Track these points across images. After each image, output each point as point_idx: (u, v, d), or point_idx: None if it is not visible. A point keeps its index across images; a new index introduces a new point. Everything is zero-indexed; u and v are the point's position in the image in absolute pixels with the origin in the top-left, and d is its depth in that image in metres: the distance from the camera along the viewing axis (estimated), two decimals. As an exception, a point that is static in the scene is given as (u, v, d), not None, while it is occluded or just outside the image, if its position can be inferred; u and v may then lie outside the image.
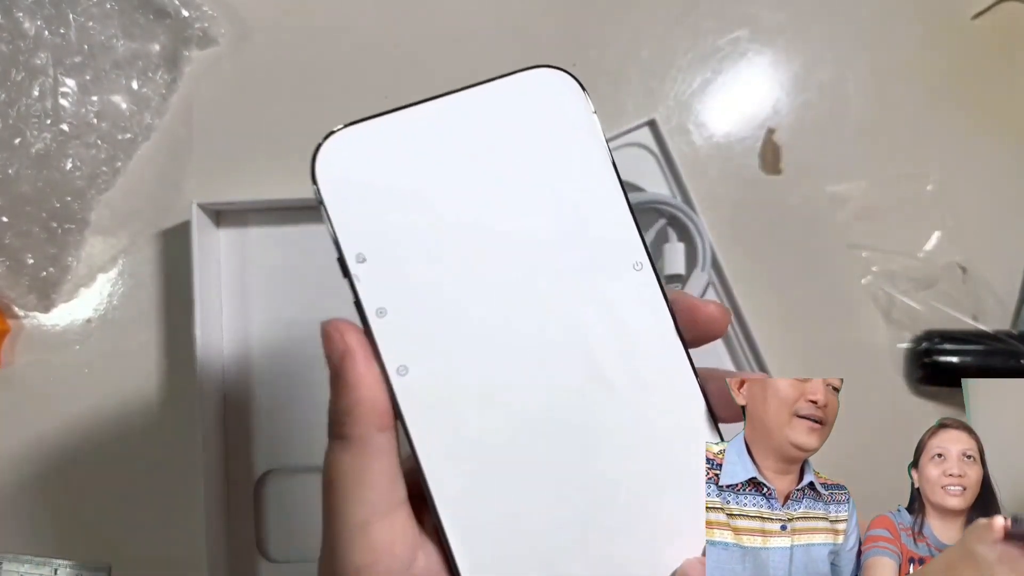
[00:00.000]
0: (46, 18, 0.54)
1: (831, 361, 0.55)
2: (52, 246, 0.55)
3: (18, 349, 0.56)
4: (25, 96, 0.54)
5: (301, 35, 0.58)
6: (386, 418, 0.27)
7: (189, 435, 0.54)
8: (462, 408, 0.28)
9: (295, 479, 0.55)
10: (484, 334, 0.28)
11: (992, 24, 0.57)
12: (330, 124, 0.56)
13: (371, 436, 0.26)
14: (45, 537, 0.55)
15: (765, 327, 0.54)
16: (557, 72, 0.31)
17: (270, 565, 0.55)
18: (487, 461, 0.28)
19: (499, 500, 0.28)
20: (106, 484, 0.55)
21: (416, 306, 0.28)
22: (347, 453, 0.26)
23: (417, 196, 0.29)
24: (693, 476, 0.28)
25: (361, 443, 0.26)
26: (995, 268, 0.55)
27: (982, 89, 0.57)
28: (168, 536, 0.55)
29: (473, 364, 0.28)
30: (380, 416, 0.27)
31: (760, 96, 0.59)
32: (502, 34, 0.58)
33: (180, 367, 0.55)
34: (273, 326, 0.56)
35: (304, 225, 0.56)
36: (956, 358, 0.53)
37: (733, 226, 0.56)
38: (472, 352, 0.28)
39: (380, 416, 0.27)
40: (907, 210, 0.56)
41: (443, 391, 0.28)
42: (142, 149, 0.57)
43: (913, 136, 0.58)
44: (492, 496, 0.28)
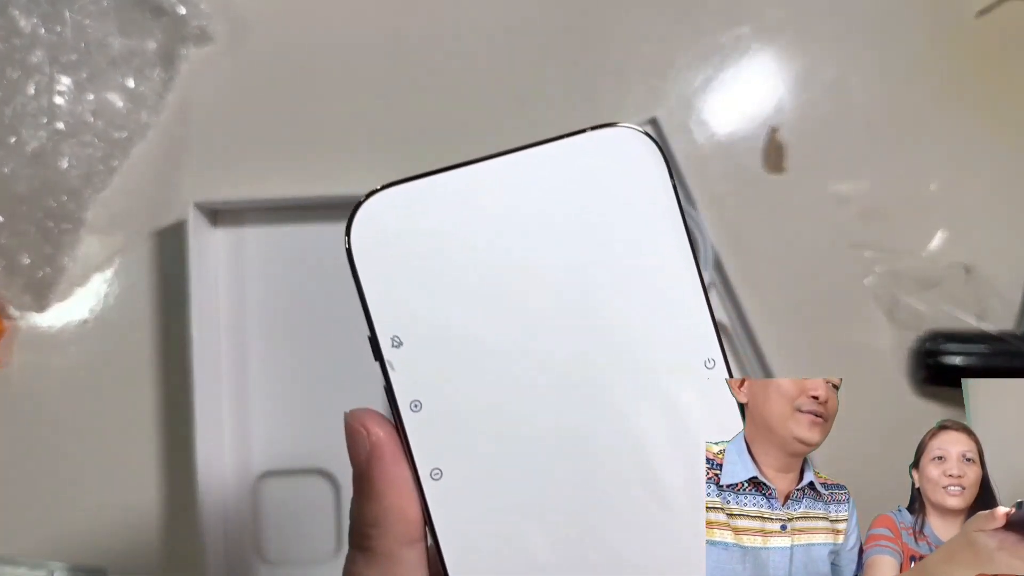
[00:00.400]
0: (42, 16, 0.54)
1: (834, 361, 0.55)
2: (48, 246, 0.55)
3: (13, 349, 0.56)
4: (20, 94, 0.54)
5: (298, 33, 0.58)
6: (417, 530, 0.24)
7: (186, 436, 0.53)
8: (502, 523, 0.25)
9: (294, 480, 0.55)
10: (531, 436, 0.25)
11: (996, 22, 0.57)
12: (329, 124, 0.56)
13: (399, 552, 0.24)
14: (41, 539, 0.55)
15: (767, 327, 0.53)
16: (633, 132, 0.26)
17: (268, 567, 0.54)
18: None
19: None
20: (102, 485, 0.55)
21: (457, 401, 0.25)
22: (372, 569, 0.23)
23: (467, 272, 0.25)
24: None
25: (389, 560, 0.23)
26: (999, 268, 0.55)
27: (987, 87, 0.56)
28: (165, 538, 0.55)
29: (517, 473, 0.25)
30: (410, 528, 0.24)
31: (763, 94, 0.58)
32: (503, 34, 0.57)
33: (176, 367, 0.55)
34: (270, 326, 0.55)
35: (301, 225, 0.56)
36: (960, 358, 0.53)
37: (735, 226, 0.55)
38: (517, 458, 0.25)
39: (410, 528, 0.24)
40: (911, 209, 0.56)
41: (482, 502, 0.25)
42: (138, 148, 0.57)
43: (917, 135, 0.58)
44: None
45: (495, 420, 0.25)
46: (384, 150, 0.57)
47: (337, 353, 0.55)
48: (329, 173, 0.56)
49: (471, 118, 0.57)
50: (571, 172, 0.25)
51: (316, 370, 0.55)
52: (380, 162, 0.56)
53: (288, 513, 0.55)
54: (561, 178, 0.25)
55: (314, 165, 0.57)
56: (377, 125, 0.57)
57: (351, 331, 0.56)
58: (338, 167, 0.56)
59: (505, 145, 0.57)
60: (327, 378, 0.55)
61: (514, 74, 0.57)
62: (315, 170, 0.57)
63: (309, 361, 0.55)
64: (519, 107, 0.57)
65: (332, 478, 0.54)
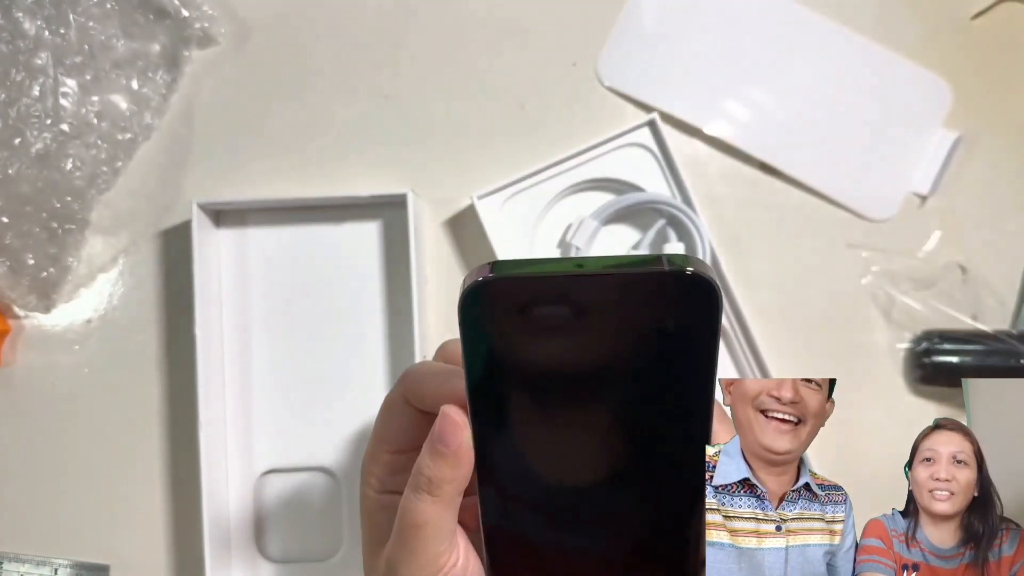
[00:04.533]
0: (46, 18, 0.55)
1: (831, 361, 0.55)
2: (52, 246, 0.55)
3: (18, 349, 0.56)
4: (25, 96, 0.54)
5: (301, 35, 0.58)
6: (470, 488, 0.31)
7: (189, 435, 0.54)
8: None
9: (295, 479, 0.55)
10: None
11: (992, 24, 0.57)
12: (331, 126, 0.57)
13: (457, 498, 0.30)
14: (45, 537, 0.55)
15: (765, 327, 0.54)
16: (707, 282, 0.26)
17: (270, 564, 0.55)
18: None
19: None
20: (106, 484, 0.56)
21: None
22: (436, 506, 0.30)
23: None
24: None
25: (450, 502, 0.30)
26: (995, 268, 0.55)
27: (982, 89, 0.57)
28: (167, 536, 0.55)
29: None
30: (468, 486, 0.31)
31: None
32: (502, 34, 0.58)
33: (180, 367, 0.56)
34: (273, 325, 0.56)
35: (304, 225, 0.56)
36: (956, 358, 0.53)
37: (733, 226, 0.56)
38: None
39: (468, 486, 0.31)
40: (907, 210, 0.56)
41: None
42: (142, 149, 0.57)
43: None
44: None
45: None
46: (385, 152, 0.57)
47: (339, 352, 0.55)
48: (331, 174, 0.57)
49: (471, 119, 0.57)
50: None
51: (318, 369, 0.55)
52: (381, 163, 0.57)
53: (290, 511, 0.55)
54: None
55: (316, 166, 0.57)
56: (378, 127, 0.57)
57: (352, 331, 0.57)
58: (340, 169, 0.57)
59: (504, 145, 0.57)
60: (329, 377, 0.55)
61: (514, 74, 0.57)
62: (317, 171, 0.57)
63: (311, 360, 0.56)
64: (519, 107, 0.57)
65: (333, 476, 0.55)
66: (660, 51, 0.57)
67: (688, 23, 0.57)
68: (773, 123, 0.56)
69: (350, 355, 0.55)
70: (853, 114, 0.57)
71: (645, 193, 0.54)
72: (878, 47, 0.57)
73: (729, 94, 0.57)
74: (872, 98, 0.57)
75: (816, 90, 0.57)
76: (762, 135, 0.56)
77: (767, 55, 0.57)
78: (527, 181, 0.54)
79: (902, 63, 0.57)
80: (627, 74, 0.57)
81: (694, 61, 0.57)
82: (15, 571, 0.54)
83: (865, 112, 0.57)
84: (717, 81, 0.57)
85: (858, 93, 0.57)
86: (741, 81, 0.57)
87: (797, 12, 0.57)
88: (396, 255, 0.56)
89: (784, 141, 0.56)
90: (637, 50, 0.57)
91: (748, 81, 0.57)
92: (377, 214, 0.56)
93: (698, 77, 0.57)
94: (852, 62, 0.57)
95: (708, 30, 0.57)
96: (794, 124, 0.56)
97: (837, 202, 0.56)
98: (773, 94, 0.57)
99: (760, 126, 0.56)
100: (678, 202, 0.54)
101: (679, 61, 0.57)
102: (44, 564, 0.55)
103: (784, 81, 0.57)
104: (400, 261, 0.55)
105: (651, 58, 0.57)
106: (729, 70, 0.57)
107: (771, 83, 0.57)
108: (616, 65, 0.57)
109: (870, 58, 0.57)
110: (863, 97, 0.57)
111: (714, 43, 0.57)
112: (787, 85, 0.57)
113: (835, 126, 0.56)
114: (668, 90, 0.57)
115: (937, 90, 0.57)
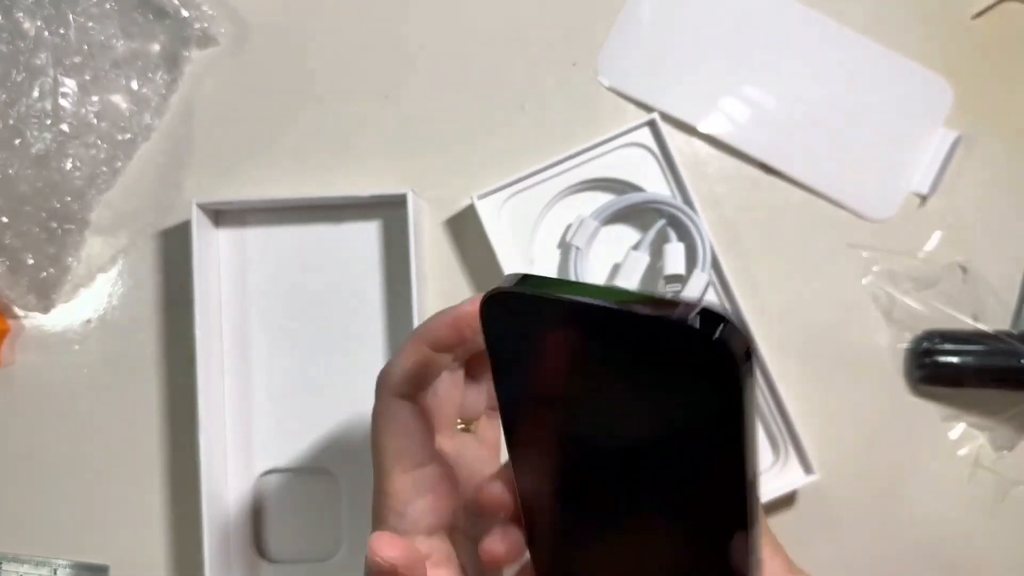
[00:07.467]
0: (46, 18, 0.54)
1: (831, 361, 0.55)
2: (52, 246, 0.55)
3: (18, 349, 0.56)
4: (25, 96, 0.54)
5: (301, 35, 0.58)
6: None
7: (188, 435, 0.54)
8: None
9: (295, 479, 0.55)
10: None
11: (992, 24, 0.57)
12: (331, 126, 0.57)
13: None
14: (44, 537, 0.55)
15: (765, 327, 0.54)
16: (735, 332, 0.23)
17: (269, 565, 0.55)
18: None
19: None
20: (105, 484, 0.56)
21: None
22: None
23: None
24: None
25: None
26: (996, 268, 0.55)
27: (982, 89, 0.57)
28: (167, 536, 0.55)
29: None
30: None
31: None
32: (502, 34, 0.58)
33: (179, 367, 0.56)
34: (272, 325, 0.56)
35: (304, 225, 0.56)
36: (956, 358, 0.53)
37: (733, 226, 0.56)
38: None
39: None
40: (907, 210, 0.56)
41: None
42: (142, 149, 0.57)
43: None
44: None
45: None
46: (385, 152, 0.57)
47: (338, 352, 0.55)
48: (331, 174, 0.57)
49: (471, 119, 0.57)
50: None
51: (318, 369, 0.55)
52: (381, 163, 0.57)
53: (289, 511, 0.55)
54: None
55: (316, 167, 0.57)
56: (378, 127, 0.57)
57: (352, 331, 0.57)
58: (340, 168, 0.57)
59: (504, 145, 0.57)
60: (328, 377, 0.55)
61: (514, 74, 0.57)
62: (317, 171, 0.57)
63: (311, 360, 0.56)
64: (519, 108, 0.57)
65: (333, 476, 0.55)
66: (660, 51, 0.57)
67: (688, 23, 0.57)
68: (773, 123, 0.56)
69: (350, 355, 0.55)
70: (853, 114, 0.56)
71: (645, 193, 0.54)
72: (878, 46, 0.57)
73: (729, 94, 0.57)
74: (872, 98, 0.57)
75: (816, 90, 0.57)
76: (762, 135, 0.56)
77: (767, 55, 0.57)
78: (527, 181, 0.54)
79: (902, 62, 0.57)
80: (627, 74, 0.57)
81: (694, 61, 0.57)
82: (14, 571, 0.54)
83: (865, 112, 0.56)
84: (717, 81, 0.57)
85: (858, 93, 0.57)
86: (741, 81, 0.57)
87: (798, 12, 0.57)
88: (396, 255, 0.56)
89: (784, 141, 0.56)
90: (637, 50, 0.57)
91: (748, 81, 0.57)
92: (377, 214, 0.56)
93: (698, 77, 0.57)
94: (852, 62, 0.57)
95: (708, 30, 0.57)
96: (794, 124, 0.56)
97: (837, 202, 0.56)
98: (773, 94, 0.57)
99: (760, 126, 0.56)
100: (678, 202, 0.53)
101: (679, 61, 0.57)
102: (43, 564, 0.54)
103: (784, 81, 0.57)
104: (400, 261, 0.55)
105: (651, 58, 0.57)
106: (729, 70, 0.57)
107: (771, 83, 0.57)
108: (616, 65, 0.57)
109: (870, 58, 0.57)
110: (863, 97, 0.57)
111: (714, 43, 0.57)
112: (787, 85, 0.57)
113: (835, 126, 0.56)
114: (668, 90, 0.57)
115: (937, 90, 0.56)
